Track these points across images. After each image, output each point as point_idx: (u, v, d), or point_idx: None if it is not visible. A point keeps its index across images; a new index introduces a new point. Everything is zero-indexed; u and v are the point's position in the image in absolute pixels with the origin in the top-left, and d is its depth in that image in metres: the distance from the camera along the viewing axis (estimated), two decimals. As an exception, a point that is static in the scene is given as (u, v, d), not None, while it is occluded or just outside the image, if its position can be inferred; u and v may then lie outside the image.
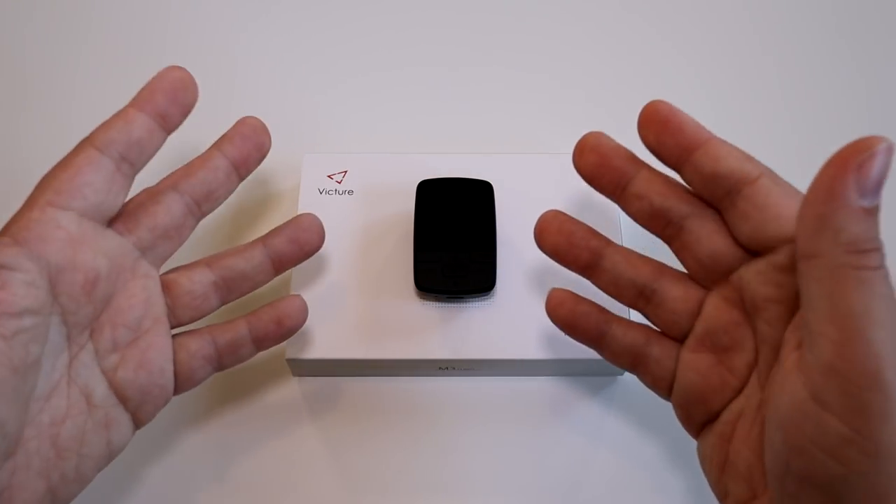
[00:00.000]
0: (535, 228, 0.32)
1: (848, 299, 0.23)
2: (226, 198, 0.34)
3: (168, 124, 0.31)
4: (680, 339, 0.30)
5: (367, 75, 0.50)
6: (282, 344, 0.38)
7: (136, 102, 0.31)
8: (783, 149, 0.49)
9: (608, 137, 0.30)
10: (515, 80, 0.50)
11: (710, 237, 0.28)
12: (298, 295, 0.35)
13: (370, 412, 0.40)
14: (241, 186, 0.46)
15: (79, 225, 0.29)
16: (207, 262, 0.34)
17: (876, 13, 0.53)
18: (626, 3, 0.53)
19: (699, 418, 0.30)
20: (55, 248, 0.28)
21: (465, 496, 0.38)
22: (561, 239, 0.31)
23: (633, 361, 0.31)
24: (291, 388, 0.41)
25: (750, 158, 0.28)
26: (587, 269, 0.31)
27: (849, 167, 0.22)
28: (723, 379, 0.28)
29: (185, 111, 0.32)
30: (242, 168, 0.34)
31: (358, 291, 0.39)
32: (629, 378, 0.41)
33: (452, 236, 0.39)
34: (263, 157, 0.35)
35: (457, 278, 0.38)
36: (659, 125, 0.28)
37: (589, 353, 0.38)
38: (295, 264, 0.35)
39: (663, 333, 0.31)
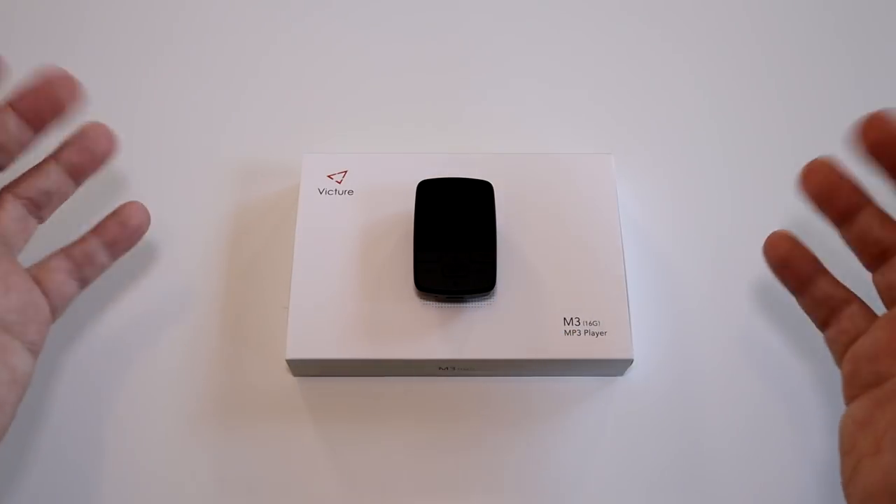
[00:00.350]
0: (802, 171, 0.32)
1: None
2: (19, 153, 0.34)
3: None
4: (892, 305, 0.31)
5: (367, 75, 0.50)
6: (282, 344, 0.38)
7: None
8: (782, 147, 0.49)
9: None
10: (515, 81, 0.50)
11: None
12: (137, 201, 0.36)
13: (370, 412, 0.40)
14: (240, 186, 0.47)
15: None
16: (9, 190, 0.34)
17: (874, 14, 0.53)
18: (625, 4, 0.54)
19: (864, 379, 0.30)
20: None
21: (465, 496, 0.38)
22: (825, 183, 0.31)
23: (828, 313, 0.32)
24: (291, 388, 0.41)
25: None
26: (842, 217, 0.32)
27: None
28: None
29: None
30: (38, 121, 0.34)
31: (358, 291, 0.39)
32: (629, 378, 0.41)
33: (452, 236, 0.39)
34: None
35: (457, 278, 0.38)
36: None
37: (589, 353, 0.38)
38: (93, 172, 0.36)
39: (881, 298, 0.32)
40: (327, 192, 0.42)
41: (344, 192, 0.42)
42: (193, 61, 0.51)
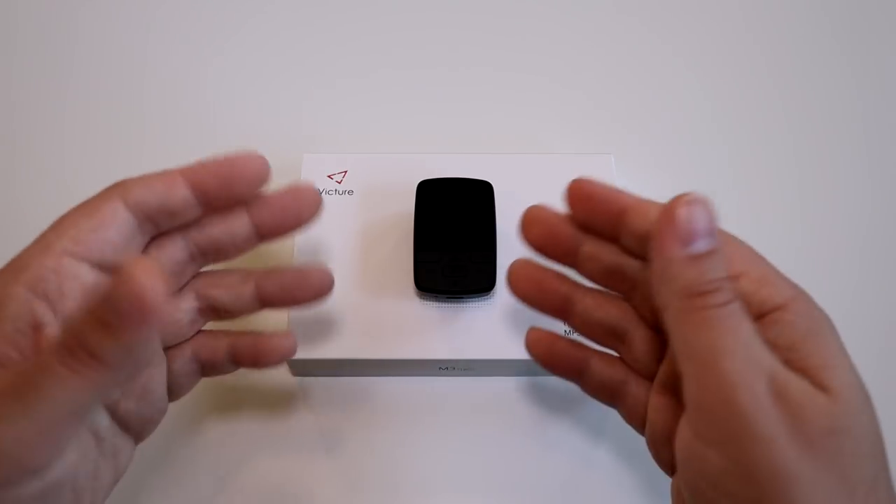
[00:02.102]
0: (507, 276, 0.32)
1: (695, 337, 0.24)
2: (236, 256, 0.32)
3: (210, 204, 0.30)
4: (650, 378, 0.31)
5: (367, 75, 0.51)
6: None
7: (187, 171, 0.29)
8: (781, 147, 0.49)
9: (547, 208, 0.31)
10: (515, 81, 0.51)
11: None
12: (291, 334, 0.34)
13: (370, 412, 0.40)
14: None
15: (93, 276, 0.28)
16: (195, 290, 0.32)
17: (873, 15, 0.53)
18: (624, 4, 0.54)
19: (667, 459, 0.30)
20: (71, 299, 0.27)
21: (465, 496, 0.38)
22: (530, 287, 0.32)
23: (611, 396, 0.32)
24: (291, 388, 0.41)
25: None
26: (560, 313, 0.32)
27: (666, 223, 0.25)
28: None
29: (236, 199, 0.30)
30: (265, 231, 0.32)
31: (358, 291, 0.39)
32: (629, 378, 0.41)
33: (452, 236, 0.39)
34: (304, 223, 0.32)
35: (457, 278, 0.38)
36: (585, 200, 0.29)
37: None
38: (283, 308, 0.34)
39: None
40: (327, 192, 0.42)
41: (344, 192, 0.42)
42: (192, 62, 0.51)
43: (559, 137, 0.48)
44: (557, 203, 0.42)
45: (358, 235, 0.41)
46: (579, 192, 0.29)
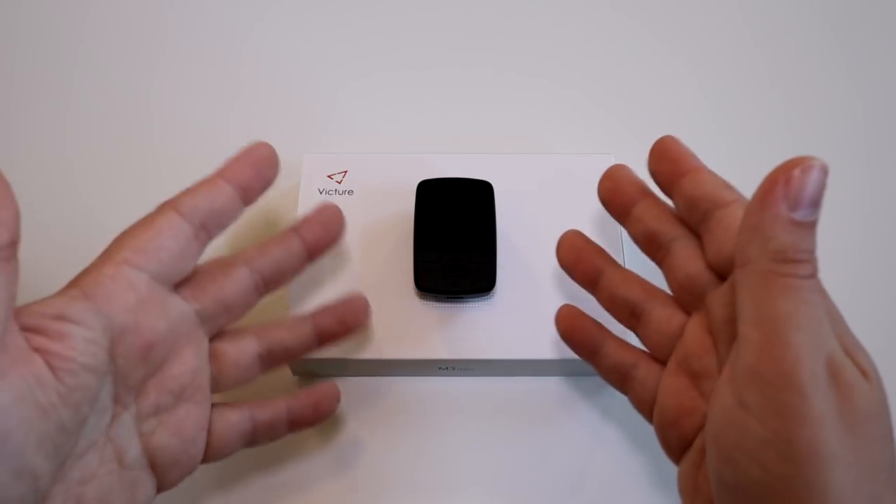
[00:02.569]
0: (557, 244, 0.34)
1: (771, 303, 0.24)
2: (292, 279, 0.35)
3: (248, 197, 0.32)
4: (664, 361, 0.31)
5: (367, 76, 0.51)
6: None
7: (224, 173, 0.32)
8: (780, 147, 0.49)
9: (628, 169, 0.32)
10: (515, 81, 0.51)
11: (688, 260, 0.30)
12: (334, 382, 0.36)
13: (370, 412, 0.40)
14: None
15: (149, 288, 0.29)
16: (256, 333, 0.34)
17: (871, 15, 0.53)
18: (623, 5, 0.54)
19: (675, 443, 0.30)
20: (123, 308, 0.28)
21: (466, 496, 0.38)
22: (571, 254, 0.34)
23: (621, 380, 0.33)
24: (291, 388, 0.41)
25: (730, 187, 0.29)
26: (589, 283, 0.33)
27: (779, 181, 0.24)
28: (695, 404, 0.29)
29: (266, 186, 0.33)
30: (315, 252, 0.35)
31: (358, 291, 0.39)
32: (629, 378, 0.41)
33: (452, 236, 0.39)
34: (336, 240, 0.35)
35: (457, 278, 0.38)
36: (661, 153, 0.30)
37: (589, 353, 0.38)
38: (338, 341, 0.36)
39: (651, 356, 0.32)
40: (327, 192, 0.42)
41: (344, 192, 0.42)
42: (193, 62, 0.51)
43: (559, 137, 0.48)
44: (559, 203, 0.42)
45: (358, 235, 0.41)
46: (661, 147, 0.30)
